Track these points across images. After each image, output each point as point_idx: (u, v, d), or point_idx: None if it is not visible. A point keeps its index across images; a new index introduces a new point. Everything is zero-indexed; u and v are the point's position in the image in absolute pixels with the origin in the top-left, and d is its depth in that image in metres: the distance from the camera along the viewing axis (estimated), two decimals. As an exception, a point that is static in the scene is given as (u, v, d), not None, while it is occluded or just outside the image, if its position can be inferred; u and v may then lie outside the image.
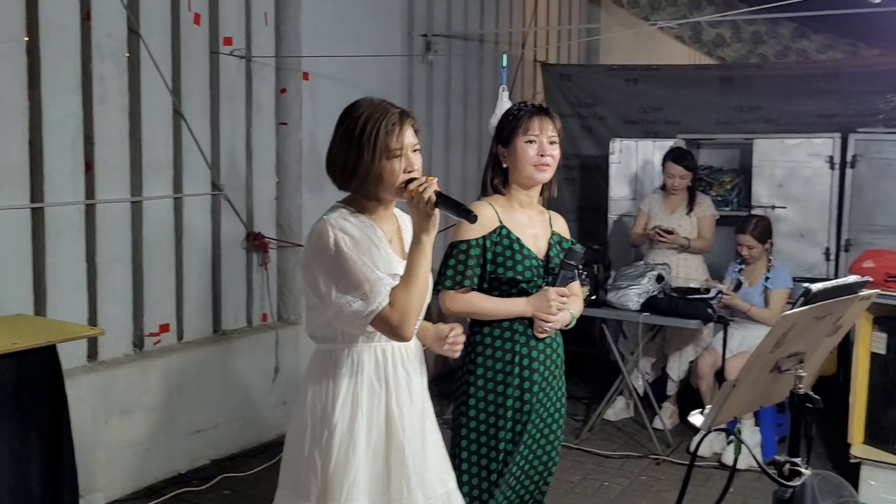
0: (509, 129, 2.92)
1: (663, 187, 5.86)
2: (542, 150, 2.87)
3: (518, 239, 2.88)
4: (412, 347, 2.47)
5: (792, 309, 2.14)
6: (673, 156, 5.77)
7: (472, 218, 2.28)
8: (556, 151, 2.91)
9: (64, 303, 4.21)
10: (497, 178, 2.98)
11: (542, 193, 3.04)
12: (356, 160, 2.33)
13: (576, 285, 3.10)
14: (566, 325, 3.00)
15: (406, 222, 2.57)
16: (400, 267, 2.36)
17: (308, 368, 2.49)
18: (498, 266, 2.87)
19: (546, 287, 2.88)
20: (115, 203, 4.47)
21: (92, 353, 4.44)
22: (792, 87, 6.89)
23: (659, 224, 5.75)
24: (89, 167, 4.33)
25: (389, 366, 2.40)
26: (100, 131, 4.36)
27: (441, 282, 2.87)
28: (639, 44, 9.24)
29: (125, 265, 4.56)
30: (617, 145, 6.87)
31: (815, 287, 2.14)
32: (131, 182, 4.57)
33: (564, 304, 2.89)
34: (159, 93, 4.63)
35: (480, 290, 2.91)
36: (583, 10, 8.94)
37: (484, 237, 2.86)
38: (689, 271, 5.74)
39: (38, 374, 3.39)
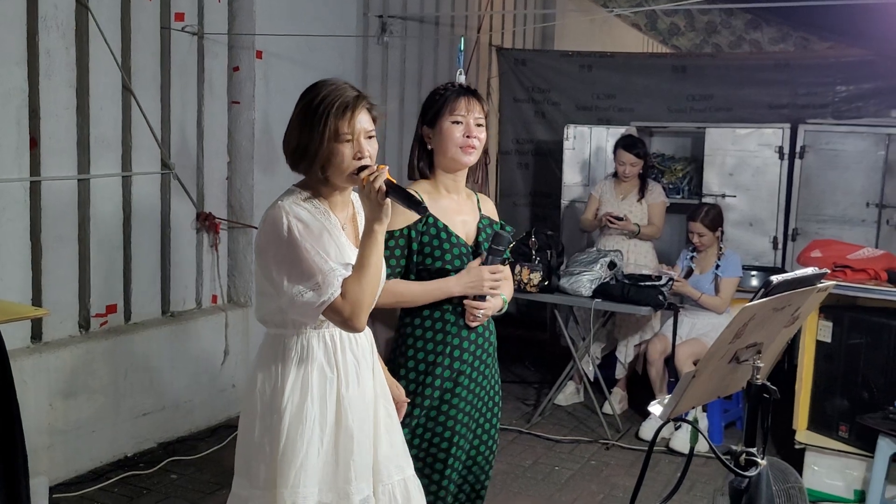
0: (435, 109, 2.81)
1: (615, 174, 5.90)
2: (468, 131, 2.76)
3: (446, 227, 2.77)
4: (361, 334, 2.43)
5: (745, 297, 2.16)
6: (624, 143, 5.80)
7: (422, 210, 2.23)
8: (482, 134, 2.80)
9: (7, 282, 4.09)
10: (422, 161, 2.86)
11: (468, 178, 2.91)
12: (307, 141, 2.28)
13: (506, 268, 3.04)
14: (499, 311, 2.90)
15: (361, 209, 2.51)
16: (352, 255, 2.32)
17: (258, 353, 2.45)
18: (426, 256, 2.76)
19: (476, 265, 2.74)
20: (61, 181, 4.35)
21: (36, 335, 4.33)
22: (744, 77, 6.98)
23: (610, 210, 5.79)
24: (34, 143, 4.21)
25: (339, 352, 2.37)
26: (46, 106, 4.23)
27: None
28: (594, 30, 9.29)
29: (71, 244, 4.45)
30: (571, 131, 6.89)
31: (776, 278, 2.16)
32: (78, 159, 4.45)
33: (498, 283, 2.77)
34: (108, 68, 4.51)
35: None
36: (539, -6, 8.93)
37: (409, 227, 2.74)
38: (638, 257, 5.79)
39: (-19, 355, 3.29)
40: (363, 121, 2.32)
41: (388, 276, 2.71)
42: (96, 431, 4.48)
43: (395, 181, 2.22)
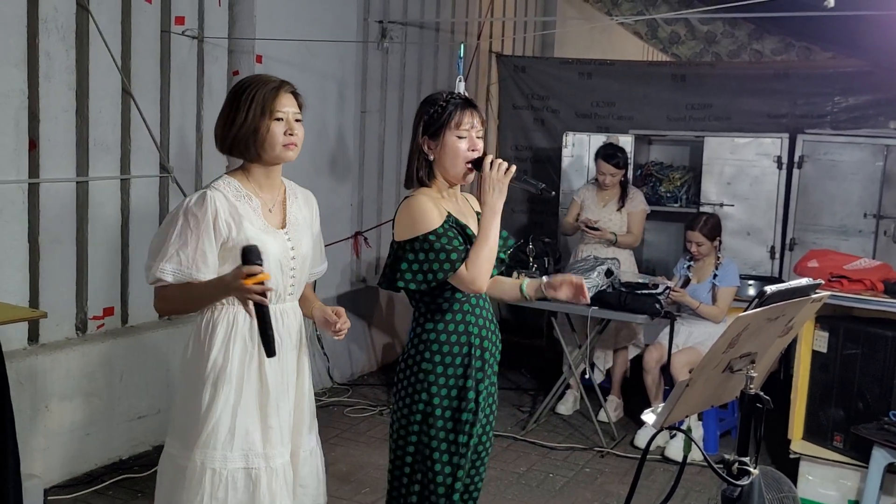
0: (437, 123, 2.79)
1: (596, 180, 5.91)
2: (472, 145, 2.78)
3: (466, 225, 2.82)
4: (288, 311, 2.64)
5: (742, 306, 2.16)
6: (603, 154, 5.82)
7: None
8: (480, 144, 2.82)
9: (4, 284, 4.10)
10: (422, 170, 2.84)
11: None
12: (233, 119, 2.51)
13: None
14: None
15: (295, 192, 2.72)
16: (269, 237, 2.53)
17: (193, 327, 2.65)
18: None
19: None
20: (59, 183, 4.35)
21: (33, 336, 4.33)
22: (743, 87, 6.99)
23: (588, 217, 5.81)
24: (33, 145, 4.21)
25: None
26: (45, 108, 4.24)
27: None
28: (594, 37, 9.29)
29: (69, 246, 4.45)
30: (570, 138, 6.90)
31: (770, 289, 2.16)
32: (77, 161, 4.45)
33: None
34: (108, 71, 4.52)
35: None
36: (539, 1, 8.94)
37: (446, 222, 2.76)
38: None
39: (-23, 356, 3.29)
40: (288, 104, 2.54)
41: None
42: (91, 434, 4.48)
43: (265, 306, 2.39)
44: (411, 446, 2.85)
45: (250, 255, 2.36)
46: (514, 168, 2.70)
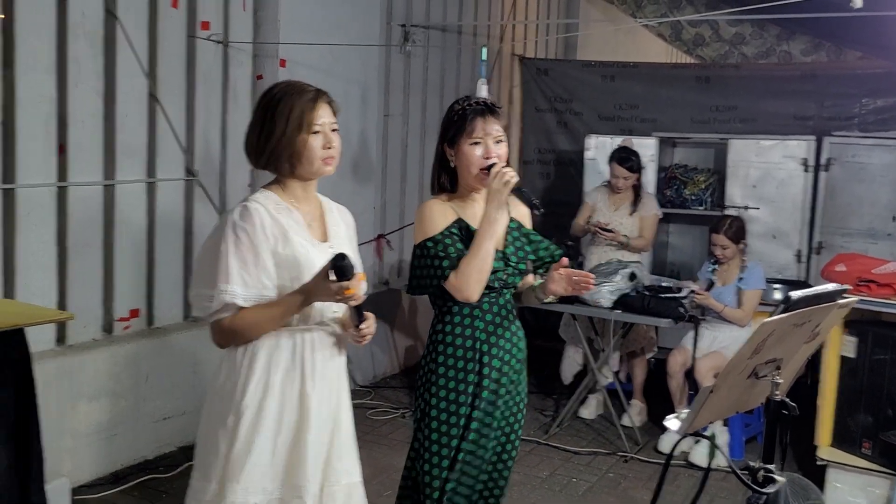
0: (454, 130, 2.82)
1: (609, 183, 5.88)
2: (487, 152, 2.78)
3: (472, 230, 2.81)
4: (326, 333, 2.48)
5: (768, 311, 2.15)
6: (618, 157, 5.77)
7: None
8: (501, 150, 2.80)
9: (33, 286, 4.15)
10: (445, 177, 2.88)
11: None
12: (269, 134, 2.37)
13: None
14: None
15: (331, 207, 2.62)
16: (314, 250, 2.40)
17: (226, 357, 2.49)
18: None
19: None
20: (87, 186, 4.40)
21: (60, 338, 4.38)
22: (769, 88, 6.92)
23: (600, 220, 5.77)
24: (62, 149, 4.26)
25: (307, 350, 2.42)
26: (73, 113, 4.29)
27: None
28: (618, 39, 9.27)
29: (96, 249, 4.50)
30: (592, 141, 6.88)
31: (796, 294, 2.15)
32: (104, 165, 4.50)
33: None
34: (135, 76, 4.57)
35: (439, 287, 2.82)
36: (562, 3, 8.93)
37: (447, 228, 2.80)
38: None
39: (6, 357, 3.32)
40: (325, 114, 2.44)
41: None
42: (118, 434, 4.52)
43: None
44: (415, 444, 2.91)
45: (344, 264, 2.25)
46: (515, 179, 2.68)
